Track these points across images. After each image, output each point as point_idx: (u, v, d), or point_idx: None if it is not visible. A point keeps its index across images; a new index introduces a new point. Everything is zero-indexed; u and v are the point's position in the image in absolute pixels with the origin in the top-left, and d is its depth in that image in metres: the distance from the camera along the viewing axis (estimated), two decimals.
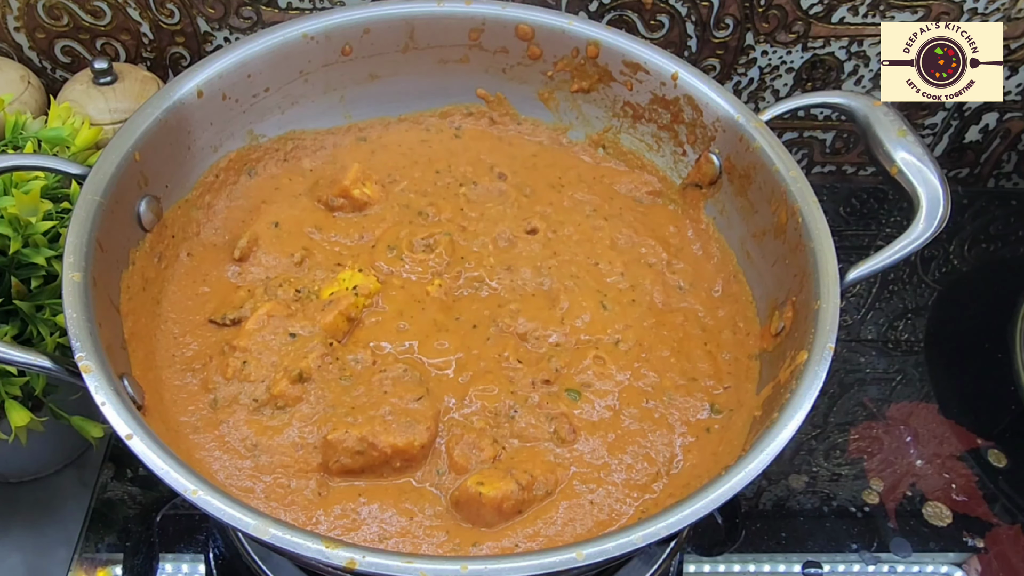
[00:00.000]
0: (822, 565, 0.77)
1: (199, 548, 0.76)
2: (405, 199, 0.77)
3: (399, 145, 0.82)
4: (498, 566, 0.48)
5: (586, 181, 0.81)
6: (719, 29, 0.92)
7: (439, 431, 0.62)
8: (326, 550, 0.48)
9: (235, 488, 0.58)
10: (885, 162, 0.69)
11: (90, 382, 0.53)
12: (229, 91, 0.74)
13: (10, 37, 0.92)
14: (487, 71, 0.82)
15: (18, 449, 0.71)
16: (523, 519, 0.59)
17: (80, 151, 0.76)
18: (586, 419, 0.64)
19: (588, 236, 0.75)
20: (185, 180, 0.73)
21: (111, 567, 0.75)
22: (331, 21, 0.77)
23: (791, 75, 0.96)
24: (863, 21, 0.91)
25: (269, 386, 0.62)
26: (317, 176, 0.78)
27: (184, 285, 0.70)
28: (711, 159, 0.76)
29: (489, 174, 0.80)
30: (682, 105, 0.77)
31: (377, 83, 0.81)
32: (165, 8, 0.90)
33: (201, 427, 0.61)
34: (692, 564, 0.78)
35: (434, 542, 0.57)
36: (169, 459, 0.51)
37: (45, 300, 0.68)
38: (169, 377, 0.64)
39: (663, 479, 0.62)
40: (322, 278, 0.69)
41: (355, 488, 0.59)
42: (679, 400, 0.66)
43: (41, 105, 0.89)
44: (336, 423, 0.60)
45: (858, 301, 0.98)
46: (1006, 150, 1.06)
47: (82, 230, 0.60)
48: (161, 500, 0.79)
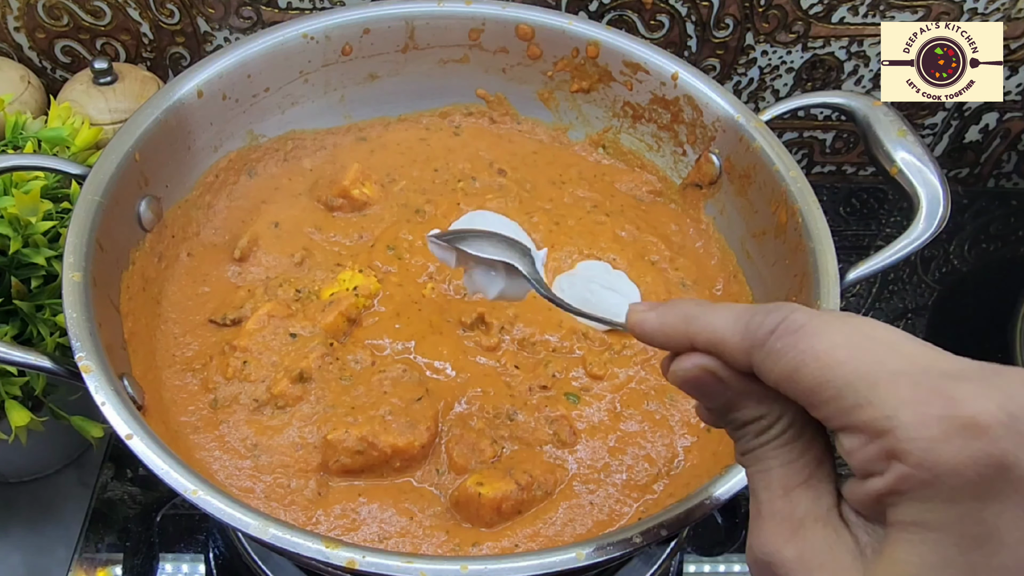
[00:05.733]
0: None
1: (199, 548, 0.76)
2: (404, 198, 0.77)
3: (398, 144, 0.82)
4: (498, 566, 0.48)
5: (587, 179, 0.81)
6: (719, 29, 0.92)
7: (439, 431, 0.62)
8: (326, 550, 0.48)
9: (235, 488, 0.58)
10: (885, 162, 0.69)
11: (90, 382, 0.53)
12: (229, 91, 0.74)
13: (10, 37, 0.92)
14: (487, 71, 0.82)
15: (18, 449, 0.71)
16: (523, 519, 0.59)
17: (80, 151, 0.76)
18: (586, 421, 0.64)
19: (590, 230, 0.75)
20: (185, 180, 0.73)
21: (111, 567, 0.75)
22: (331, 21, 0.77)
23: (791, 75, 0.97)
24: (863, 21, 0.91)
25: (269, 386, 0.62)
26: (317, 176, 0.78)
27: (184, 285, 0.70)
28: (711, 159, 0.76)
29: (488, 170, 0.80)
30: (682, 105, 0.77)
31: (377, 83, 0.81)
32: (165, 8, 0.90)
33: (201, 427, 0.61)
34: (692, 564, 0.78)
35: (434, 542, 0.57)
36: (169, 459, 0.51)
37: (45, 300, 0.68)
38: (169, 377, 0.64)
39: (663, 479, 0.62)
40: (322, 278, 0.69)
41: (355, 488, 0.59)
42: (680, 401, 0.66)
43: (41, 105, 0.89)
44: (336, 423, 0.60)
45: (858, 301, 0.98)
46: (1006, 150, 1.06)
47: (82, 230, 0.60)
48: (161, 500, 0.79)
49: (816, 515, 0.37)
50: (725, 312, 0.39)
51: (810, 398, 0.36)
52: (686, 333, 0.40)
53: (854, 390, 0.34)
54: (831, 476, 0.38)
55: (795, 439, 0.38)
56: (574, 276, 0.71)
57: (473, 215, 0.75)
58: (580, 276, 0.71)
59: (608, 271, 0.72)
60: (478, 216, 0.75)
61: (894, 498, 0.34)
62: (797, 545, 0.37)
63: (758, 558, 0.38)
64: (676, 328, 0.41)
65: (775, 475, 0.38)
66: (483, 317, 0.67)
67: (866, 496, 0.35)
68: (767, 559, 0.38)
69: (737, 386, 0.39)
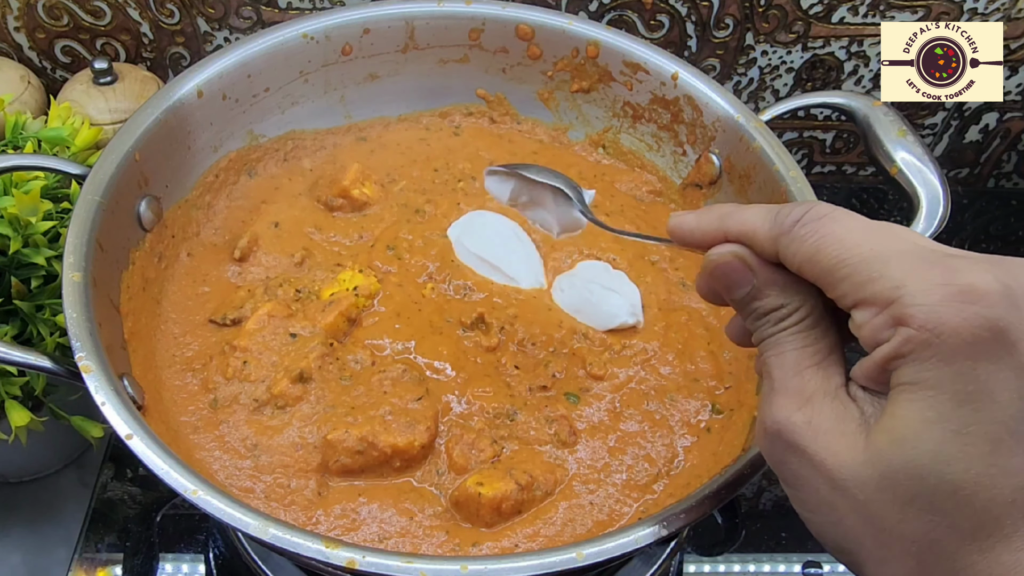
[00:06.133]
0: (822, 565, 0.77)
1: (199, 548, 0.76)
2: (404, 198, 0.77)
3: (398, 144, 0.82)
4: (498, 566, 0.48)
5: (587, 178, 0.81)
6: (719, 29, 0.92)
7: (439, 431, 0.62)
8: (326, 550, 0.48)
9: (235, 488, 0.58)
10: (885, 162, 0.69)
11: (90, 382, 0.53)
12: (229, 91, 0.74)
13: (10, 37, 0.92)
14: (487, 71, 0.82)
15: (18, 449, 0.71)
16: (523, 519, 0.59)
17: (80, 151, 0.76)
18: (586, 421, 0.64)
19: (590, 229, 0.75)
20: (185, 180, 0.73)
21: (111, 567, 0.75)
22: (331, 21, 0.77)
23: (791, 75, 0.97)
24: (863, 21, 0.92)
25: (269, 386, 0.62)
26: (317, 176, 0.78)
27: (184, 285, 0.70)
28: (711, 159, 0.76)
29: None
30: (682, 105, 0.77)
31: (377, 83, 0.81)
32: (165, 8, 0.90)
33: (201, 427, 0.61)
34: (692, 564, 0.78)
35: (434, 542, 0.57)
36: (169, 459, 0.51)
37: (45, 300, 0.68)
38: (169, 377, 0.64)
39: (663, 479, 0.62)
40: (322, 278, 0.69)
41: (355, 488, 0.59)
42: (681, 401, 0.66)
43: (41, 105, 0.89)
44: (336, 423, 0.60)
45: None
46: (1006, 150, 1.06)
47: (82, 230, 0.60)
48: (161, 500, 0.79)
49: (825, 390, 0.41)
50: (756, 207, 0.44)
51: (828, 277, 0.40)
52: (720, 227, 0.45)
53: (868, 266, 0.38)
54: (841, 362, 0.42)
55: (811, 328, 0.42)
56: (574, 276, 0.71)
57: (473, 215, 0.75)
58: (580, 276, 0.71)
59: (608, 271, 0.72)
60: (478, 216, 0.75)
61: (897, 362, 0.37)
62: (806, 413, 0.40)
63: (768, 428, 0.42)
64: (711, 223, 0.45)
65: (789, 357, 0.42)
66: (483, 317, 0.67)
67: (873, 365, 0.39)
68: (777, 427, 0.41)
69: (763, 275, 0.43)
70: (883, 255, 0.38)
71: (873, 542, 0.39)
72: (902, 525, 0.37)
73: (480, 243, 0.72)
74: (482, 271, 0.71)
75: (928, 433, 0.36)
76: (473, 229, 0.73)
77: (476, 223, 0.74)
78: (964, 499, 0.36)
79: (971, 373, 0.36)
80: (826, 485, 0.40)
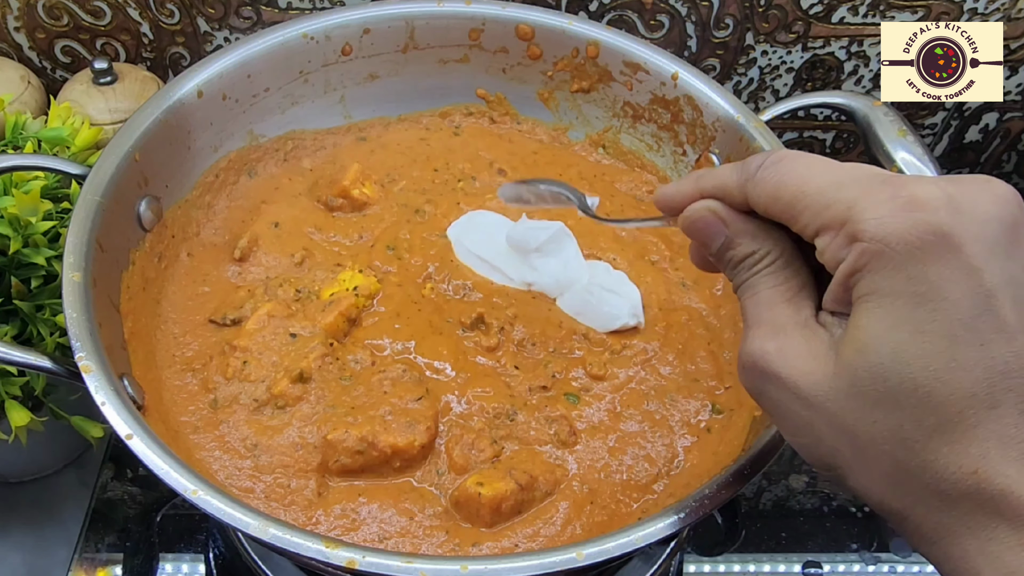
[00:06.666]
0: (822, 565, 0.78)
1: (199, 548, 0.76)
2: (404, 198, 0.77)
3: (398, 144, 0.82)
4: (498, 566, 0.48)
5: (587, 178, 0.81)
6: (719, 29, 0.92)
7: (439, 431, 0.62)
8: (326, 550, 0.48)
9: (235, 488, 0.58)
10: (885, 162, 0.69)
11: (90, 382, 0.53)
12: (229, 91, 0.74)
13: (10, 37, 0.92)
14: (487, 71, 0.82)
15: (18, 449, 0.71)
16: (523, 519, 0.59)
17: (80, 151, 0.76)
18: (586, 421, 0.64)
19: (590, 229, 0.75)
20: (185, 180, 0.73)
21: (111, 567, 0.75)
22: (331, 21, 0.77)
23: (791, 75, 0.97)
24: (863, 21, 0.91)
25: (269, 386, 0.62)
26: (317, 176, 0.78)
27: (184, 285, 0.70)
28: (711, 159, 0.76)
29: (488, 170, 0.80)
30: (682, 105, 0.77)
31: (377, 83, 0.81)
32: (165, 8, 0.90)
33: (201, 427, 0.61)
34: (692, 564, 0.78)
35: (434, 542, 0.57)
36: (169, 459, 0.51)
37: (45, 300, 0.68)
38: (169, 377, 0.64)
39: (664, 479, 0.62)
40: (322, 278, 0.69)
41: (355, 488, 0.59)
42: (681, 401, 0.66)
43: (41, 105, 0.89)
44: (336, 423, 0.60)
45: None
46: (1006, 150, 1.06)
47: (82, 230, 0.60)
48: (161, 500, 0.79)
49: (796, 321, 0.43)
50: (727, 166, 0.47)
51: (790, 211, 0.43)
52: (696, 187, 0.48)
53: (823, 194, 0.41)
54: (813, 297, 0.45)
55: (782, 268, 0.45)
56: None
57: (473, 215, 0.75)
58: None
59: (608, 271, 0.72)
60: (478, 216, 0.75)
61: (856, 276, 0.40)
62: (778, 341, 0.43)
63: (744, 362, 0.45)
64: (689, 185, 0.48)
65: (763, 296, 0.45)
66: (483, 317, 0.67)
67: (836, 286, 0.41)
68: (752, 358, 0.44)
69: (735, 225, 0.46)
70: (838, 182, 0.41)
71: (851, 450, 0.41)
72: (873, 427, 0.40)
73: (480, 243, 0.72)
74: (482, 271, 0.71)
75: (888, 336, 0.39)
76: (473, 229, 0.73)
77: (476, 223, 0.74)
78: (926, 395, 0.38)
79: (922, 276, 0.38)
80: (802, 405, 0.42)
